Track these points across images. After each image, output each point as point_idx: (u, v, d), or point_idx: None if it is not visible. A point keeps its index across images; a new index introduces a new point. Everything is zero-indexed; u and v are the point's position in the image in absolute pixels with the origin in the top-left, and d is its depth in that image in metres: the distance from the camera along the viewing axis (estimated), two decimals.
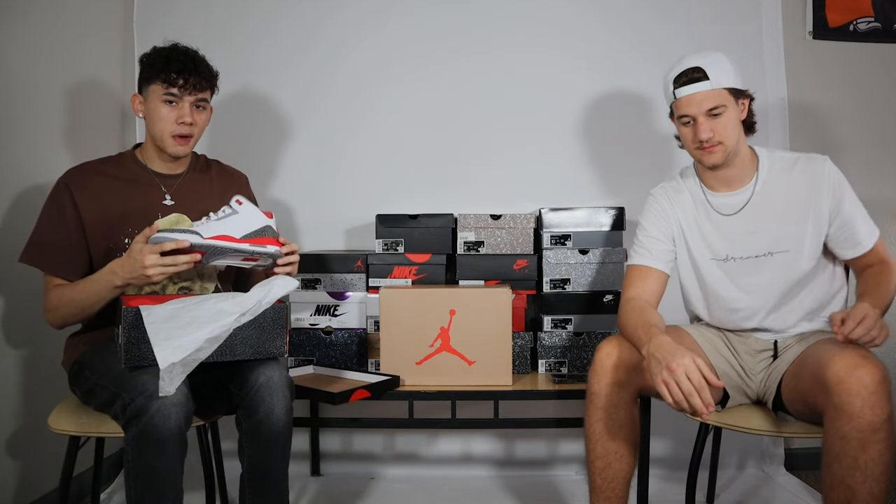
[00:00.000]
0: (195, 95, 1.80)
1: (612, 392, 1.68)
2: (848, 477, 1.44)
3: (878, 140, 2.54)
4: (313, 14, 2.56)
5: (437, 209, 2.41)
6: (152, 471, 1.49)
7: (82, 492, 2.19)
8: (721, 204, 1.84)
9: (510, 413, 2.20)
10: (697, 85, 1.73)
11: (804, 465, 2.47)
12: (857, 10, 2.55)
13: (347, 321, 2.27)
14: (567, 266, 2.27)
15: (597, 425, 1.71)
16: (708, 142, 1.74)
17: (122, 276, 1.63)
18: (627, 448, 1.71)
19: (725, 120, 1.74)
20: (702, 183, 1.89)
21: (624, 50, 2.54)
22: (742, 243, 1.81)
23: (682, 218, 1.88)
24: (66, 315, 1.75)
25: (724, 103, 1.74)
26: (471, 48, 2.55)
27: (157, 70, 1.77)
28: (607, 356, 1.69)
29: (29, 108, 2.08)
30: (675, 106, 1.79)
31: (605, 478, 1.72)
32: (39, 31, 2.12)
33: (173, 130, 1.80)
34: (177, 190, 1.88)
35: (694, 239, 1.87)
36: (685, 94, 1.75)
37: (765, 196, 1.81)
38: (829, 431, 1.46)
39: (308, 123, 2.57)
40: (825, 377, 1.46)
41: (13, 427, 2.01)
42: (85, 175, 1.81)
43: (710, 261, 1.85)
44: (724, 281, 1.84)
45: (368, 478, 2.47)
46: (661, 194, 1.93)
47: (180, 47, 1.82)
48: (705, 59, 1.74)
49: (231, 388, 1.68)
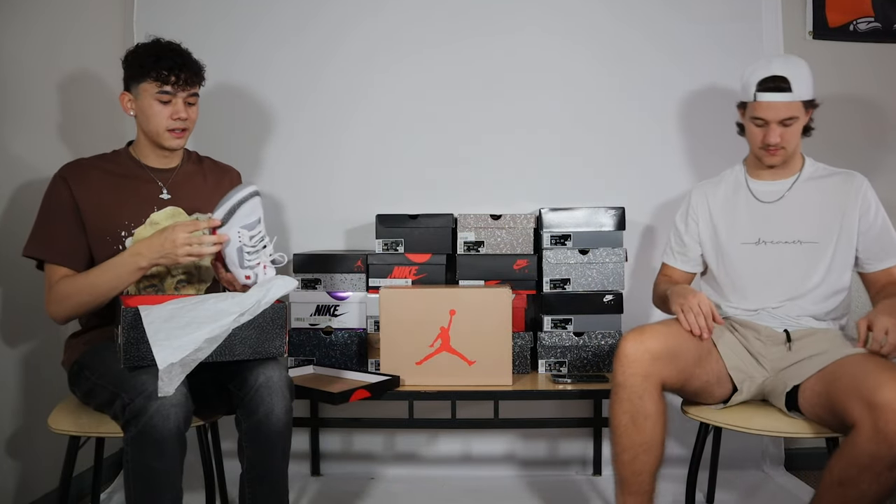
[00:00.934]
0: (187, 91, 1.83)
1: (638, 383, 1.69)
2: (864, 483, 1.50)
3: (878, 140, 2.54)
4: (314, 13, 2.56)
5: (437, 209, 2.41)
6: (152, 471, 1.49)
7: (82, 492, 2.19)
8: (761, 191, 1.96)
9: (510, 413, 2.20)
10: (780, 95, 1.83)
11: (804, 465, 2.46)
12: (857, 10, 2.54)
13: (347, 321, 2.27)
14: (567, 266, 2.27)
15: (623, 417, 1.72)
16: (774, 146, 1.86)
17: (149, 257, 1.66)
18: (654, 440, 1.72)
19: (795, 129, 1.86)
20: (747, 172, 2.00)
21: (623, 50, 2.54)
22: (774, 229, 1.91)
23: (713, 208, 2.01)
24: (78, 304, 1.73)
25: (798, 115, 1.85)
26: (472, 50, 2.54)
27: (148, 68, 1.78)
28: (632, 347, 1.71)
29: (28, 106, 2.08)
30: (753, 107, 1.87)
31: (633, 471, 1.72)
32: (40, 31, 2.12)
33: (169, 126, 1.82)
34: (172, 183, 1.89)
35: (726, 224, 1.98)
36: (766, 99, 1.84)
37: (803, 191, 1.92)
38: (859, 447, 1.49)
39: (308, 123, 2.56)
40: (872, 397, 1.49)
41: (13, 427, 2.01)
42: (81, 169, 1.82)
43: (740, 245, 1.94)
44: (750, 264, 1.92)
45: (368, 478, 2.47)
46: (696, 193, 2.06)
47: (165, 43, 1.83)
48: (792, 71, 1.84)
49: (231, 388, 1.68)
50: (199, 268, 1.88)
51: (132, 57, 1.82)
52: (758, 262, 1.92)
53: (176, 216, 1.85)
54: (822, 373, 1.69)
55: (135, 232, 1.81)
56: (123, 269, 1.69)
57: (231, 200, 1.68)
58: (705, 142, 2.49)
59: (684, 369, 1.75)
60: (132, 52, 1.83)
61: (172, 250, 1.65)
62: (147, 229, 1.81)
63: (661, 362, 1.70)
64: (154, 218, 1.83)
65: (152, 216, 1.83)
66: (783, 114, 1.83)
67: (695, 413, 1.85)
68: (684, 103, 2.53)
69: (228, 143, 2.47)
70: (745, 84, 1.89)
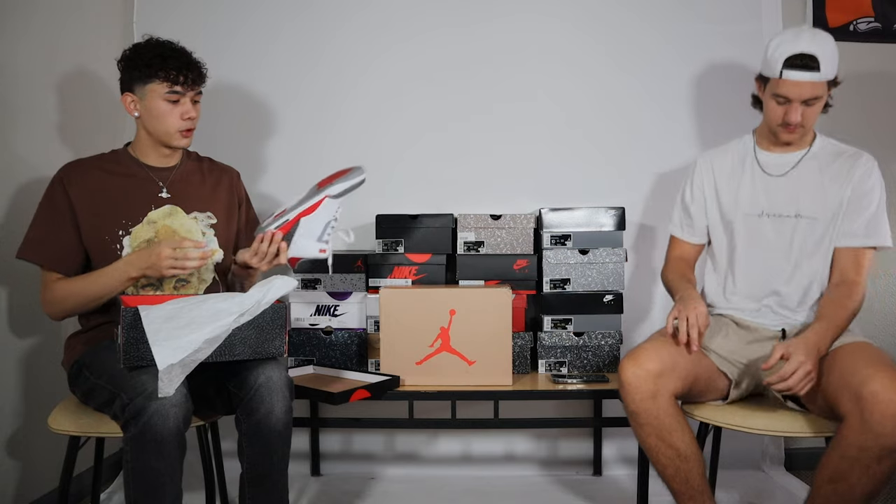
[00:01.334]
0: (195, 89, 1.84)
1: (649, 406, 1.71)
2: (853, 477, 1.52)
3: (878, 140, 2.54)
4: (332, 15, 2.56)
5: (437, 209, 2.41)
6: (151, 471, 1.49)
7: (82, 492, 2.19)
8: (768, 163, 1.92)
9: (510, 413, 2.20)
10: (809, 74, 1.75)
11: (804, 465, 2.46)
12: (857, 10, 2.54)
13: (347, 321, 2.27)
14: (567, 266, 2.27)
15: (649, 440, 1.74)
16: (794, 125, 1.80)
17: (138, 266, 1.71)
18: (688, 448, 1.73)
19: (816, 108, 1.81)
20: (756, 142, 1.96)
21: (623, 52, 2.54)
22: (777, 201, 1.89)
23: (718, 177, 1.97)
24: (71, 307, 1.79)
25: (822, 95, 1.79)
26: (472, 51, 2.54)
27: (156, 69, 1.78)
28: (632, 374, 1.72)
29: (28, 106, 2.08)
30: (777, 83, 1.79)
31: (680, 481, 1.75)
32: (40, 31, 2.12)
33: (180, 126, 1.83)
34: (171, 182, 1.90)
35: (729, 194, 1.95)
36: (793, 78, 1.76)
37: (808, 167, 1.89)
38: (848, 439, 1.52)
39: (308, 122, 2.56)
40: (860, 390, 1.51)
41: (13, 427, 2.01)
42: (80, 170, 1.83)
43: (743, 215, 1.92)
44: (752, 236, 1.91)
45: (368, 478, 2.47)
46: (702, 162, 2.03)
47: (166, 42, 1.83)
48: (821, 48, 1.75)
49: (230, 388, 1.68)
50: (200, 271, 1.88)
51: (135, 58, 1.81)
52: (759, 234, 1.90)
53: (173, 215, 1.86)
54: (821, 364, 1.68)
55: (132, 230, 1.81)
56: (114, 277, 1.73)
57: (350, 181, 1.84)
58: (706, 142, 2.49)
59: (687, 376, 1.76)
60: (133, 53, 1.82)
61: (158, 262, 1.69)
62: (145, 227, 1.82)
63: (664, 378, 1.71)
64: (152, 217, 1.84)
65: (150, 215, 1.84)
66: (808, 93, 1.77)
67: (695, 413, 1.85)
68: (685, 103, 2.53)
69: (225, 141, 2.46)
70: (771, 59, 1.80)
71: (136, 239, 1.81)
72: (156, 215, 1.84)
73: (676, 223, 2.07)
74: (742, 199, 1.93)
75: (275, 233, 1.78)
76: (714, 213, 1.99)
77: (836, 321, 1.74)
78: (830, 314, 1.76)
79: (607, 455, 2.50)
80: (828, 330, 1.71)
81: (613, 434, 2.49)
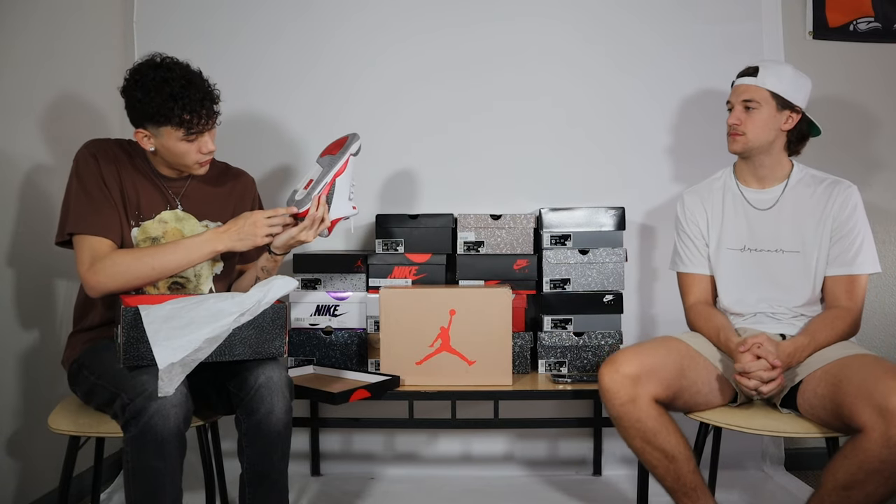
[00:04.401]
0: (210, 126, 1.78)
1: (630, 410, 1.72)
2: (870, 486, 1.51)
3: (878, 140, 2.54)
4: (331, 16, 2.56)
5: (437, 209, 2.41)
6: (152, 471, 1.49)
7: (82, 492, 2.19)
8: (755, 199, 1.95)
9: (510, 413, 2.20)
10: (746, 79, 1.91)
11: (804, 465, 2.47)
12: (857, 10, 2.54)
13: (347, 321, 2.27)
14: (567, 266, 2.27)
15: (634, 443, 1.76)
16: (732, 128, 1.90)
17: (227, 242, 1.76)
18: (675, 447, 1.73)
19: (756, 116, 1.87)
20: (736, 178, 2.00)
21: (624, 52, 2.54)
22: (760, 237, 1.92)
23: (709, 212, 2.00)
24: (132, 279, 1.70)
25: (760, 101, 1.87)
26: (472, 51, 2.54)
27: (169, 116, 1.68)
28: (609, 379, 1.73)
29: (27, 109, 2.08)
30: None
31: (671, 479, 1.75)
32: (39, 31, 2.12)
33: (199, 159, 1.79)
34: (185, 196, 1.88)
35: (717, 228, 1.98)
36: (735, 83, 1.94)
37: (792, 199, 1.91)
38: (870, 451, 1.49)
39: (307, 122, 2.56)
40: (884, 402, 1.49)
41: (13, 427, 2.01)
42: (105, 145, 1.81)
43: (726, 250, 1.96)
44: (735, 270, 1.94)
45: (368, 478, 2.47)
46: (689, 197, 2.04)
47: (174, 71, 1.70)
48: (767, 63, 1.92)
49: (231, 388, 1.68)
50: (197, 275, 1.87)
51: (145, 100, 1.68)
52: (743, 268, 1.93)
53: (184, 220, 1.85)
54: (825, 373, 1.68)
55: (143, 224, 1.80)
56: (197, 249, 1.75)
57: (356, 144, 1.93)
58: (706, 142, 2.49)
59: (670, 384, 1.75)
60: (142, 93, 1.68)
61: (254, 230, 1.75)
62: (155, 225, 1.81)
63: (643, 381, 1.71)
64: (164, 216, 1.83)
65: (162, 214, 1.83)
66: (743, 95, 1.88)
67: (695, 413, 1.85)
68: (685, 103, 2.53)
69: (225, 141, 2.44)
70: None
71: (144, 233, 1.79)
72: (168, 216, 1.83)
73: (684, 260, 2.02)
74: (727, 234, 1.96)
75: (321, 196, 1.83)
76: (713, 243, 1.98)
77: (818, 339, 1.77)
78: (815, 331, 1.79)
79: (607, 455, 2.50)
80: (808, 346, 1.75)
81: (613, 434, 2.45)
